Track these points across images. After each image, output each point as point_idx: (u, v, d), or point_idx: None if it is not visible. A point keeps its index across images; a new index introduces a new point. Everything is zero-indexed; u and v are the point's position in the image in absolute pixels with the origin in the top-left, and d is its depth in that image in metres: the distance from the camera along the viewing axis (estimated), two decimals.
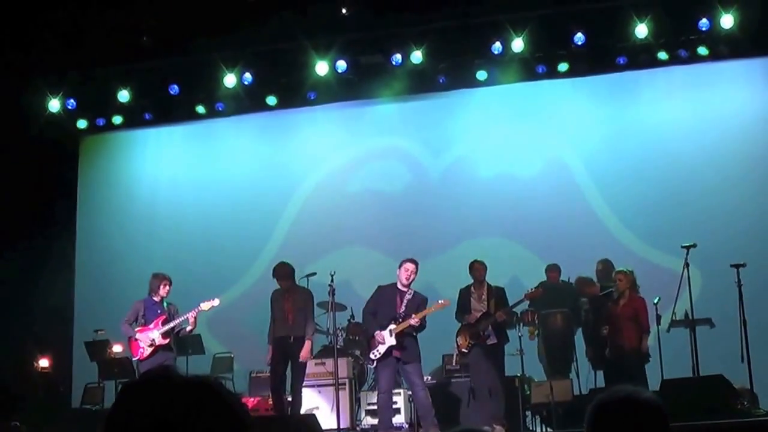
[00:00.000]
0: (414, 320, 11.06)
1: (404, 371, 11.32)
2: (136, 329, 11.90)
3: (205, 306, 12.03)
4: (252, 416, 2.24)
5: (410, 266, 11.35)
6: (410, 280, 11.36)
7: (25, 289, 14.74)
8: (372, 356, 11.39)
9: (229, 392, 2.14)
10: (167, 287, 12.04)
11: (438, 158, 15.84)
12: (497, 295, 11.95)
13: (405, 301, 11.34)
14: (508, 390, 11.86)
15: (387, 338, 11.18)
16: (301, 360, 11.84)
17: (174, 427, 2.00)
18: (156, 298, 12.06)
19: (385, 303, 11.47)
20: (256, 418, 10.90)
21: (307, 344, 11.88)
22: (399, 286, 11.45)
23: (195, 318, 11.92)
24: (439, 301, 11.47)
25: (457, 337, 12.07)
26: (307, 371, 12.38)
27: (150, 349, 11.83)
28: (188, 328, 12.04)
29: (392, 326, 11.19)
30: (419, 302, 11.39)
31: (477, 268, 12.13)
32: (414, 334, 11.28)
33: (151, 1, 13.74)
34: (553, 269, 13.65)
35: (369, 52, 15.24)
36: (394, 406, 11.86)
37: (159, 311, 11.99)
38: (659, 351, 11.73)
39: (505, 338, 11.99)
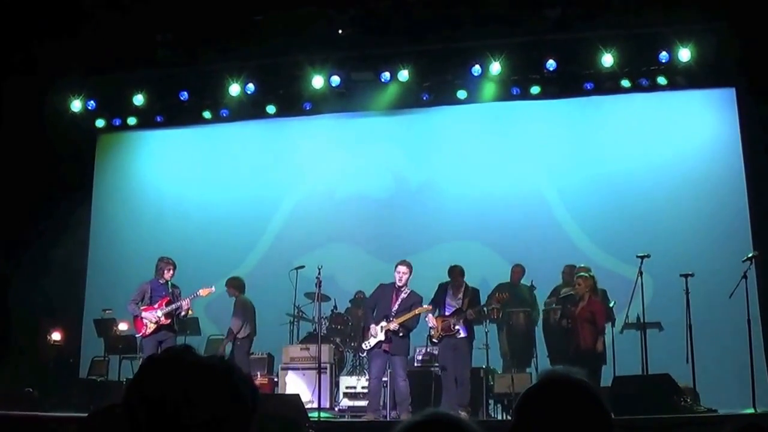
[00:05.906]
0: (393, 325, 11.12)
1: (391, 362, 11.31)
2: (142, 308, 11.85)
3: (203, 292, 12.05)
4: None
5: (401, 268, 11.42)
6: (403, 281, 11.40)
7: (43, 269, 14.68)
8: (364, 347, 11.50)
9: (240, 375, 2.16)
10: (171, 271, 12.04)
11: (419, 168, 15.81)
12: (472, 294, 11.89)
13: (399, 299, 11.37)
14: (474, 380, 11.83)
15: (378, 333, 11.21)
16: None
17: (180, 406, 2.04)
18: (161, 281, 12.03)
19: (382, 300, 11.48)
20: None
21: None
22: (396, 285, 11.43)
23: (190, 302, 11.91)
24: (423, 306, 11.45)
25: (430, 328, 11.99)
26: (292, 356, 12.82)
27: (153, 327, 11.76)
28: (182, 312, 11.93)
29: (383, 323, 11.21)
30: (413, 301, 11.39)
31: (453, 275, 11.93)
32: (401, 333, 11.24)
33: (166, 16, 13.70)
34: (517, 268, 13.63)
35: (361, 69, 15.28)
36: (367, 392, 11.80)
37: (164, 293, 11.96)
38: (613, 350, 11.73)
39: (473, 334, 11.95)
